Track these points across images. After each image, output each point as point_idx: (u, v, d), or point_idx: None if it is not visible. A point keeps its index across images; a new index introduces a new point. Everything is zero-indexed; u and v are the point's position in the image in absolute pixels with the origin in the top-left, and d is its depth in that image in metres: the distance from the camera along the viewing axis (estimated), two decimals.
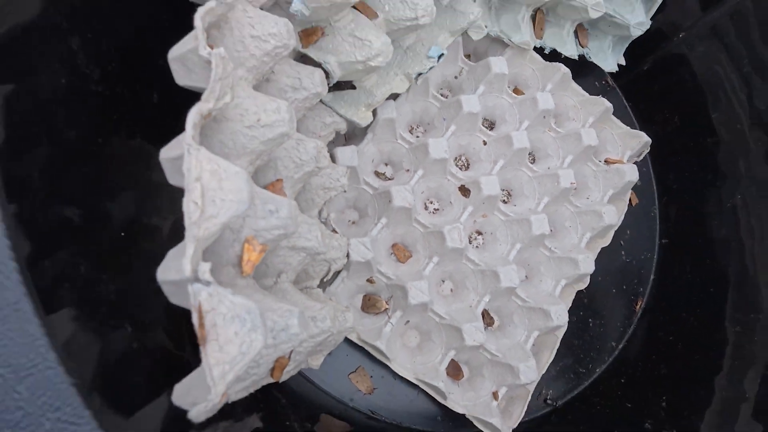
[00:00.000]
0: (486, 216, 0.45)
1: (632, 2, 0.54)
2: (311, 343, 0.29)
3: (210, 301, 0.19)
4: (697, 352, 0.51)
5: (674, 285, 0.58)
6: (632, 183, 0.51)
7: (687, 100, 0.61)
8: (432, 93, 0.48)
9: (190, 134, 0.21)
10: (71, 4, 0.26)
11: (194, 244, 0.19)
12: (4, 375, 0.16)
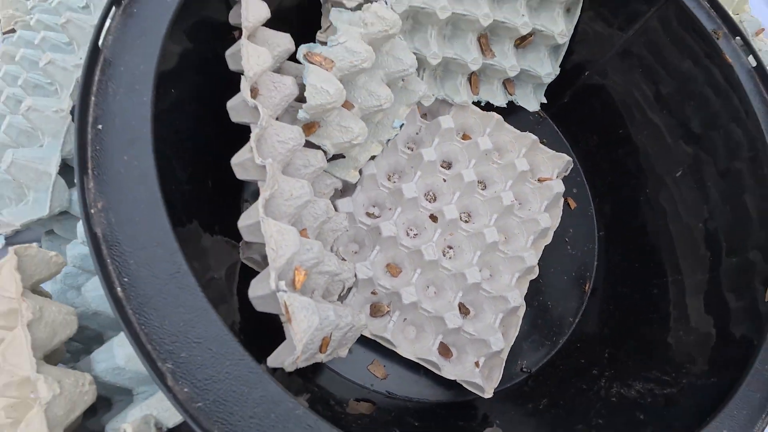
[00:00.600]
0: (452, 234, 0.62)
1: (541, 58, 0.72)
2: (340, 333, 0.46)
3: (289, 300, 0.35)
4: (630, 314, 0.67)
5: (613, 267, 0.74)
6: (561, 193, 0.69)
7: (604, 119, 0.79)
8: (400, 149, 0.65)
9: (262, 210, 0.37)
10: (175, 129, 0.42)
11: (275, 272, 0.36)
12: (186, 318, 0.31)
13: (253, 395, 0.30)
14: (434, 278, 0.60)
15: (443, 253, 0.62)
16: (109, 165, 0.33)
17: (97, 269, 0.30)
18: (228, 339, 0.31)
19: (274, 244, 0.36)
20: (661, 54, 0.68)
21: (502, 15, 0.65)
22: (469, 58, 0.65)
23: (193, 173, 0.44)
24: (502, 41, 0.69)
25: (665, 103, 0.68)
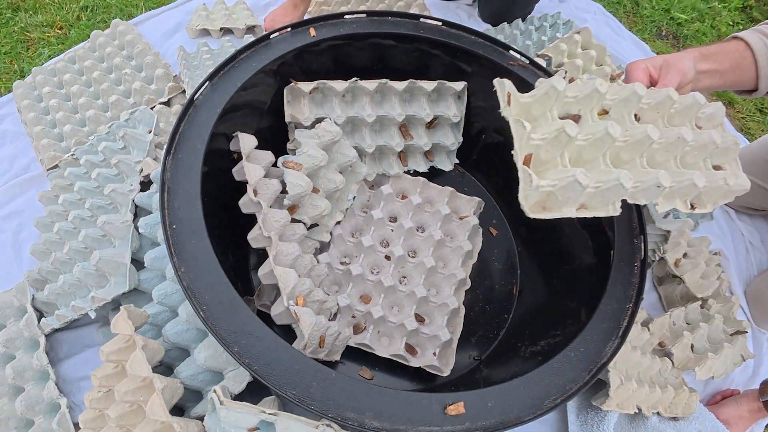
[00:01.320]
0: (403, 267, 0.88)
1: (446, 133, 1.02)
2: (331, 338, 0.70)
3: (297, 310, 0.60)
4: (541, 299, 0.92)
5: (529, 272, 1.00)
6: (477, 225, 0.96)
7: (504, 166, 1.07)
8: (357, 213, 0.92)
9: (272, 262, 0.63)
10: (214, 224, 0.68)
11: (286, 296, 0.61)
12: (240, 322, 0.56)
13: (284, 359, 0.55)
14: (395, 299, 0.85)
15: (399, 281, 0.87)
16: (183, 247, 0.59)
17: (189, 303, 0.55)
18: (266, 330, 0.56)
19: (282, 280, 0.62)
20: None
21: (412, 110, 0.95)
22: (395, 143, 0.95)
23: (224, 249, 0.70)
24: (416, 127, 0.98)
25: None
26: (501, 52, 0.91)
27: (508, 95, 0.60)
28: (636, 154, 0.61)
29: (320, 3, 1.35)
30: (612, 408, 0.77)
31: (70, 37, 1.36)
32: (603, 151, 0.58)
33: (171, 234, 0.60)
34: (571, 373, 0.62)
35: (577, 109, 0.61)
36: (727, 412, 0.93)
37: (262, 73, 0.81)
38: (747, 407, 0.92)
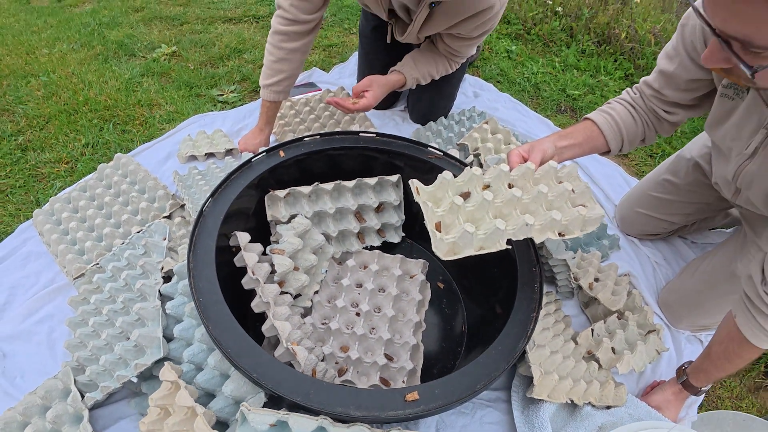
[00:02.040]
0: (371, 320, 1.14)
1: (392, 214, 1.32)
2: (321, 373, 0.94)
3: (294, 348, 0.86)
4: (483, 324, 1.19)
5: (473, 310, 1.27)
6: (425, 280, 1.24)
7: None
8: (330, 284, 1.20)
9: (272, 320, 0.89)
10: (228, 295, 0.95)
11: (284, 340, 0.87)
12: (244, 348, 0.80)
13: (290, 378, 0.80)
14: (367, 345, 1.11)
15: (369, 331, 1.13)
16: (209, 312, 0.85)
17: (218, 349, 0.80)
18: (275, 361, 0.81)
19: (281, 329, 0.88)
20: None
21: (362, 200, 1.26)
22: (353, 227, 1.24)
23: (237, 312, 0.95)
24: (367, 212, 1.29)
25: None
26: (422, 149, 1.25)
27: (416, 189, 0.92)
28: (511, 209, 0.92)
29: (282, 125, 1.70)
30: (542, 397, 1.02)
31: (77, 170, 1.64)
32: (486, 211, 0.89)
33: (200, 304, 0.86)
34: (494, 364, 0.88)
35: (466, 188, 0.93)
36: (655, 399, 1.16)
37: (248, 188, 1.12)
38: (670, 391, 1.16)
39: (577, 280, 1.33)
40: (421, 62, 1.50)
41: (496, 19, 1.34)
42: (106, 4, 2.96)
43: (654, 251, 1.55)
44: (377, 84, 1.42)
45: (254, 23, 2.66)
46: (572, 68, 2.52)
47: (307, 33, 1.39)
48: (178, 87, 2.06)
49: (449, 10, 1.29)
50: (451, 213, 0.90)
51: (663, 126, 1.13)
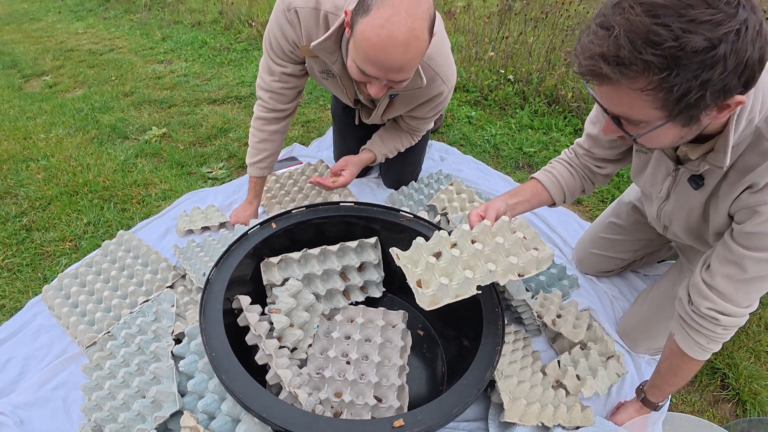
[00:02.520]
0: (360, 367, 1.30)
1: (372, 271, 1.50)
2: (320, 411, 1.09)
3: (296, 391, 1.01)
4: (459, 360, 1.34)
5: (450, 352, 1.43)
6: (405, 328, 1.40)
7: None
8: (322, 337, 1.35)
9: (275, 369, 1.05)
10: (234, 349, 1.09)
11: (287, 385, 1.02)
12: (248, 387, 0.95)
13: (296, 415, 0.94)
14: (358, 389, 1.26)
15: (359, 377, 1.28)
16: (221, 364, 1.00)
17: (230, 395, 0.95)
18: (281, 402, 0.96)
19: (283, 376, 1.03)
20: None
21: (345, 262, 1.44)
22: (338, 285, 1.42)
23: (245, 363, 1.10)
24: (351, 271, 1.47)
25: None
26: (395, 213, 1.45)
27: (396, 255, 1.11)
28: (477, 260, 1.11)
29: (270, 197, 1.90)
30: (515, 420, 1.17)
31: (81, 247, 1.79)
32: (456, 265, 1.09)
33: (213, 358, 1.01)
34: (467, 391, 1.05)
35: (437, 249, 1.12)
36: (621, 417, 1.31)
37: (246, 257, 1.29)
38: (633, 409, 1.31)
39: (540, 317, 1.51)
40: (387, 139, 1.75)
41: (447, 102, 1.59)
42: (97, 89, 3.19)
43: (610, 286, 1.74)
44: (352, 163, 1.66)
45: (237, 103, 2.91)
46: (527, 128, 2.80)
47: (284, 118, 1.63)
48: (171, 166, 2.25)
49: (406, 98, 1.53)
50: (428, 271, 1.09)
51: (597, 178, 1.36)
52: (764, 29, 0.71)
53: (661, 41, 0.68)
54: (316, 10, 1.34)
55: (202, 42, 3.99)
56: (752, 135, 0.90)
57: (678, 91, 0.72)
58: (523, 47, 3.37)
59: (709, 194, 1.05)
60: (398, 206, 1.92)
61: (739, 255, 0.99)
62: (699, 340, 1.08)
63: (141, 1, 5.26)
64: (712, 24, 0.67)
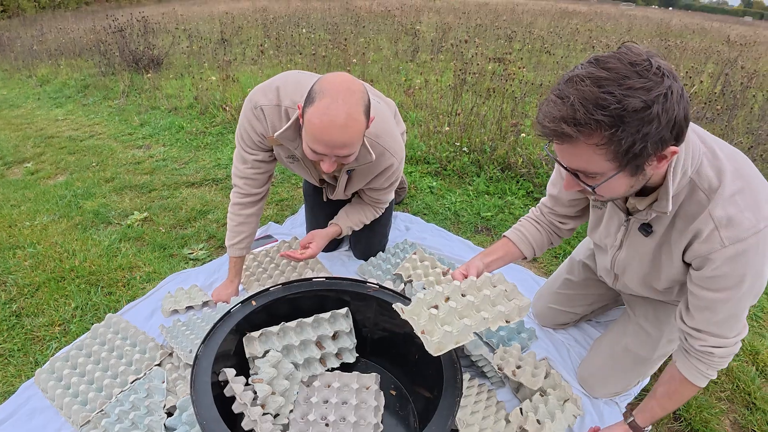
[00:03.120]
0: (338, 427, 1.42)
1: (345, 339, 1.65)
2: None
3: None
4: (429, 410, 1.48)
5: (419, 408, 1.57)
6: (378, 389, 1.54)
7: (390, 350, 1.71)
8: (301, 403, 1.48)
9: (261, 428, 1.18)
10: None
11: None
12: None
13: None
14: None
15: None
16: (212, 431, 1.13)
17: None
18: None
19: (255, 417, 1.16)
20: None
21: (320, 332, 1.59)
22: (315, 354, 1.56)
23: None
24: (325, 340, 1.62)
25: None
26: (362, 285, 1.62)
27: (401, 309, 1.29)
28: (470, 310, 1.29)
29: (248, 275, 2.06)
30: None
31: (70, 331, 1.89)
32: (454, 315, 1.27)
33: (204, 426, 1.14)
34: None
35: (435, 302, 1.31)
36: None
37: (229, 333, 1.43)
38: (619, 431, 1.45)
39: (501, 369, 1.67)
40: (352, 213, 1.97)
41: (399, 172, 1.84)
42: (79, 175, 3.35)
43: (566, 336, 1.92)
44: (319, 236, 1.87)
45: (214, 185, 3.11)
46: (484, 194, 3.06)
47: (258, 201, 1.85)
48: (153, 249, 2.40)
49: (362, 172, 1.77)
50: (431, 321, 1.28)
51: (562, 232, 1.58)
52: (685, 93, 0.90)
53: (608, 104, 0.86)
54: (278, 106, 1.60)
55: (179, 127, 4.24)
56: (688, 186, 1.08)
57: (625, 144, 0.89)
58: (476, 119, 3.71)
59: (659, 241, 1.21)
60: (368, 276, 2.10)
61: (708, 300, 1.13)
62: (699, 367, 1.22)
63: (119, 87, 5.54)
64: (645, 89, 0.85)
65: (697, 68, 7.04)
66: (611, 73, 0.87)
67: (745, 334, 1.19)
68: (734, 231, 1.03)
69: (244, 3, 18.65)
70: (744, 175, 1.06)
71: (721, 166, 1.06)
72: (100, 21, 10.94)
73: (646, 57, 0.88)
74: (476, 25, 10.41)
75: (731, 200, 1.04)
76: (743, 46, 10.08)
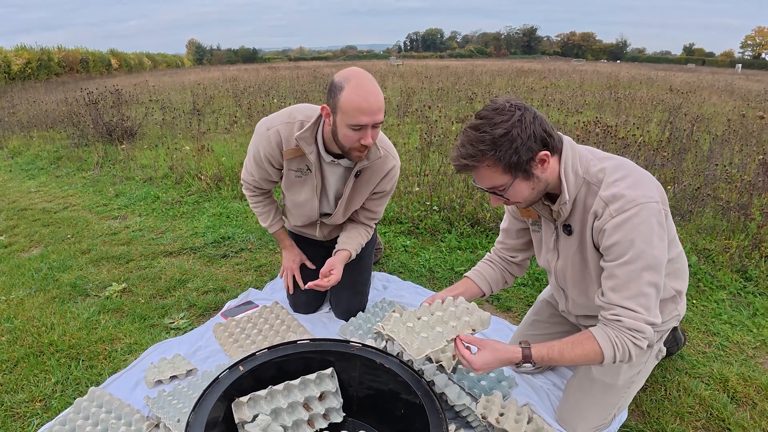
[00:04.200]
0: None
1: (332, 399, 1.69)
2: None
3: None
4: None
5: None
6: None
7: (376, 406, 1.74)
8: None
9: None
10: None
11: None
12: None
13: None
14: None
15: None
16: None
17: None
18: None
19: None
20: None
21: (307, 393, 1.63)
22: (303, 415, 1.59)
23: None
24: (312, 401, 1.65)
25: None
26: (345, 344, 1.68)
27: (381, 327, 1.44)
28: (440, 323, 1.47)
29: (231, 342, 2.08)
30: None
31: (52, 407, 1.85)
32: (427, 327, 1.45)
33: None
34: None
35: (409, 321, 1.48)
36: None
37: (218, 400, 1.46)
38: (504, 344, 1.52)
39: (485, 418, 1.72)
40: (351, 237, 2.17)
41: (396, 177, 2.09)
42: (54, 248, 3.33)
43: (545, 381, 1.98)
44: (338, 262, 2.06)
45: (193, 254, 3.14)
46: (456, 249, 3.18)
47: (269, 193, 2.23)
48: (133, 320, 2.40)
49: (369, 176, 2.01)
50: (409, 334, 1.48)
51: (513, 267, 1.82)
52: (538, 115, 1.30)
53: (483, 138, 1.28)
54: (291, 123, 1.89)
55: (155, 196, 4.29)
56: (584, 184, 1.39)
57: (506, 159, 1.28)
58: (444, 178, 3.89)
59: (579, 237, 1.46)
60: (349, 336, 2.15)
61: (609, 268, 1.36)
62: (608, 332, 1.38)
63: (92, 159, 5.58)
64: (504, 121, 1.27)
65: (645, 117, 7.55)
66: (483, 119, 1.30)
67: (655, 321, 1.35)
68: (618, 203, 1.31)
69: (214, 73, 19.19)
70: (624, 167, 1.38)
71: (604, 165, 1.39)
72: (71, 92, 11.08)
73: (504, 101, 1.30)
74: (438, 88, 10.96)
75: (614, 184, 1.34)
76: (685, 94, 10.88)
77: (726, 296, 2.66)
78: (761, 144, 5.51)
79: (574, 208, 1.44)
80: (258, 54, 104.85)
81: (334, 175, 2.01)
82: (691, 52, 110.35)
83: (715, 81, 17.19)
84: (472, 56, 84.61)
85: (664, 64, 52.45)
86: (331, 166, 1.98)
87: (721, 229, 3.28)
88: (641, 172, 1.39)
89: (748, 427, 1.73)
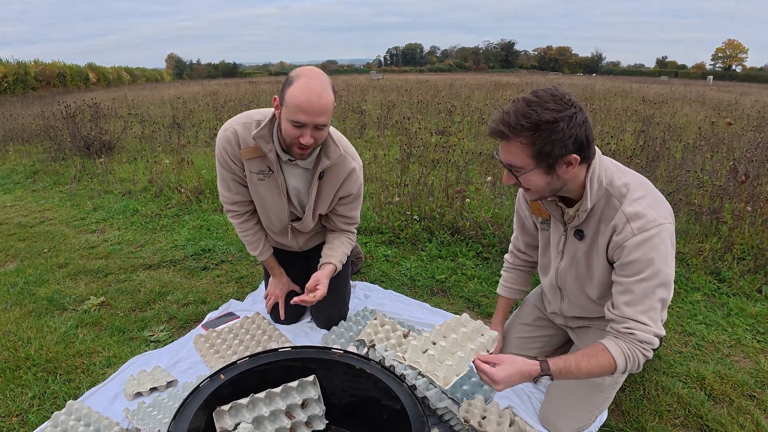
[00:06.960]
0: None
1: (315, 406, 1.69)
2: None
3: None
4: None
5: None
6: None
7: (358, 413, 1.74)
8: None
9: None
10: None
11: None
12: None
13: None
14: None
15: None
16: None
17: None
18: None
19: None
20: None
21: (289, 401, 1.63)
22: (285, 423, 1.59)
23: None
24: (294, 409, 1.64)
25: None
26: (326, 351, 1.69)
27: (402, 357, 1.44)
28: (456, 347, 1.45)
29: (213, 352, 2.07)
30: None
31: (29, 421, 1.81)
32: (446, 352, 1.43)
33: None
34: None
35: (425, 347, 1.48)
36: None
37: (199, 409, 1.45)
38: (530, 363, 1.49)
39: (468, 421, 1.73)
40: (334, 247, 2.15)
41: (360, 180, 2.07)
42: (30, 262, 3.27)
43: (527, 383, 1.98)
44: (323, 277, 2.02)
45: (172, 267, 3.12)
46: (437, 258, 3.21)
47: (254, 213, 2.17)
48: (112, 333, 2.36)
49: (331, 178, 1.99)
50: (430, 362, 1.45)
51: (535, 265, 1.88)
52: (588, 122, 1.31)
53: (530, 116, 1.27)
54: (248, 123, 1.88)
55: (134, 210, 4.25)
56: (604, 195, 1.42)
57: (539, 145, 1.29)
58: (424, 188, 3.93)
59: (590, 243, 1.50)
60: (331, 345, 2.15)
61: (626, 284, 1.39)
62: (620, 344, 1.40)
63: (70, 172, 5.51)
64: (555, 110, 1.26)
65: (619, 127, 7.73)
66: (538, 98, 1.29)
67: (661, 333, 1.39)
68: (640, 222, 1.35)
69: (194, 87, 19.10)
70: (645, 186, 1.43)
71: (627, 180, 1.42)
72: (48, 106, 10.93)
73: (565, 92, 1.30)
74: (418, 101, 11.08)
75: (637, 201, 1.38)
76: (657, 104, 11.19)
77: (701, 297, 2.73)
78: (731, 150, 5.69)
79: (591, 215, 1.48)
80: (238, 68, 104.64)
81: (293, 176, 1.99)
82: (664, 65, 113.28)
83: (687, 92, 17.70)
84: (451, 70, 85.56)
85: (638, 77, 53.88)
86: (290, 167, 1.96)
87: (694, 233, 3.37)
88: (658, 193, 1.44)
89: (726, 423, 1.77)
